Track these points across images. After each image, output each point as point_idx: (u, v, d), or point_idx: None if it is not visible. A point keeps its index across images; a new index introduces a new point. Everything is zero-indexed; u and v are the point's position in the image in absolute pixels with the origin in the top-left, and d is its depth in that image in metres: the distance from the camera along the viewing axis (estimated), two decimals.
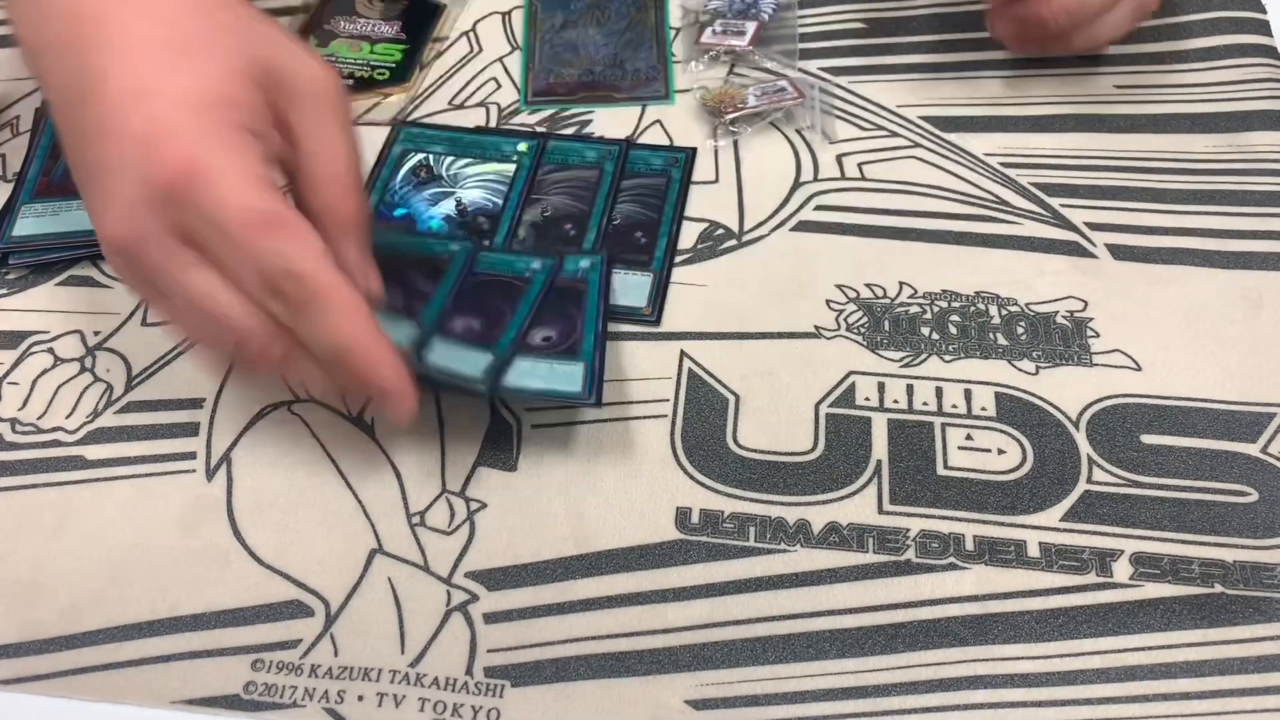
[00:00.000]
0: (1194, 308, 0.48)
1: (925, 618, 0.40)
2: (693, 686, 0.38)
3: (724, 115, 0.55)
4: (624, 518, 0.42)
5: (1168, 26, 0.60)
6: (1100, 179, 0.53)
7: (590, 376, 0.43)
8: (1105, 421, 0.45)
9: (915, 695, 0.38)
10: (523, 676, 0.38)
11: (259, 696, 0.38)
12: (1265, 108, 0.56)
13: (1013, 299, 0.49)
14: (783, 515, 0.42)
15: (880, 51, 0.60)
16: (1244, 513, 0.42)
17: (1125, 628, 0.39)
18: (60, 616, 0.40)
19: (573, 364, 0.44)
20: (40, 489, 0.43)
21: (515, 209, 0.52)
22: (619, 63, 0.59)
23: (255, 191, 0.36)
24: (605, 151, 0.54)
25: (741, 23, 0.60)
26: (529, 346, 0.44)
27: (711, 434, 0.44)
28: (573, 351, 0.44)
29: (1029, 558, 0.41)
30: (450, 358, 0.43)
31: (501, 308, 0.46)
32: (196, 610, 0.40)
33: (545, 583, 0.41)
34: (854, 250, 0.51)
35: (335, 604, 0.40)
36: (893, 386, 0.46)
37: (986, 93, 0.57)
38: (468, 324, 0.45)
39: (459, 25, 0.61)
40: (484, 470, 0.43)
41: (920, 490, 0.43)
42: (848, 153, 0.55)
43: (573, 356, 0.44)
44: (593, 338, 0.45)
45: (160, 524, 0.42)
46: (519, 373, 0.43)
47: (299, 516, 0.42)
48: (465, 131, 0.56)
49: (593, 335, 0.45)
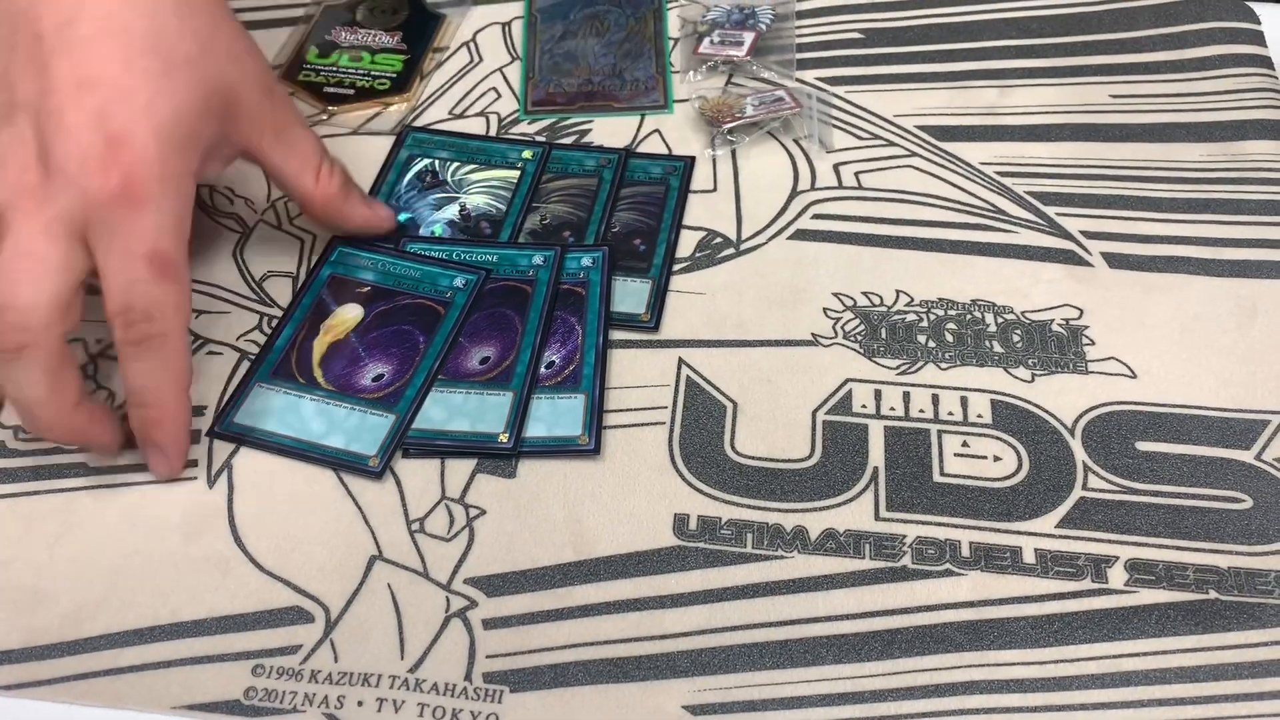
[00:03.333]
0: (1189, 316, 0.49)
1: (921, 623, 0.40)
2: (691, 692, 0.38)
3: (722, 125, 0.56)
4: (622, 524, 0.42)
5: (1163, 36, 0.60)
6: (1096, 188, 0.54)
7: (589, 416, 0.44)
8: (1100, 429, 0.45)
9: (911, 701, 0.38)
10: (521, 682, 0.39)
11: (259, 702, 0.38)
12: (1260, 117, 0.56)
13: (1009, 307, 0.49)
14: (780, 522, 0.43)
15: (877, 61, 0.60)
16: (1238, 519, 0.42)
17: (1120, 633, 0.40)
18: (62, 622, 0.40)
19: (573, 395, 0.45)
20: (42, 496, 0.43)
21: (519, 214, 0.52)
22: (618, 73, 0.59)
23: (173, 239, 0.40)
24: (604, 160, 0.55)
25: (739, 33, 0.60)
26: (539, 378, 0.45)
27: (709, 441, 0.45)
28: (574, 380, 0.45)
29: (1025, 564, 0.41)
30: (469, 418, 0.44)
31: (512, 319, 0.47)
32: (197, 616, 0.40)
33: (544, 589, 0.41)
34: (851, 258, 0.51)
35: (335, 610, 0.40)
36: (889, 394, 0.46)
37: (982, 102, 0.58)
38: (483, 351, 0.46)
39: (459, 35, 0.62)
40: (483, 477, 0.44)
41: (917, 497, 0.43)
42: (845, 162, 0.55)
43: (574, 386, 0.45)
44: (593, 355, 0.46)
45: (161, 531, 0.42)
46: (529, 418, 0.44)
47: (299, 523, 0.42)
48: (471, 138, 0.56)
49: (593, 354, 0.46)
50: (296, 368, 0.46)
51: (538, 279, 0.48)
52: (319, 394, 0.45)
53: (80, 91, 0.38)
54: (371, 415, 0.44)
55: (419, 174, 0.54)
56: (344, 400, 0.45)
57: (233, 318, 0.49)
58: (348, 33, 0.61)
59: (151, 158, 0.39)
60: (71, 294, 0.39)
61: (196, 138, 0.41)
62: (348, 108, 0.57)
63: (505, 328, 0.47)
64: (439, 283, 0.49)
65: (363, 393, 0.45)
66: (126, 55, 0.39)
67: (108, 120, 0.38)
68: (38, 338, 0.38)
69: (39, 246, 0.38)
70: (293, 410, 0.45)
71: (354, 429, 0.44)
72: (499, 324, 0.47)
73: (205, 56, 0.41)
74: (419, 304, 0.48)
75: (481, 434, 0.44)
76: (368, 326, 0.47)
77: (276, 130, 0.45)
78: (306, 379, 0.46)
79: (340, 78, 0.58)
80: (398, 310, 0.48)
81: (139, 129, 0.39)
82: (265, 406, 0.45)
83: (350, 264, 0.50)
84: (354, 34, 0.61)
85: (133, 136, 0.39)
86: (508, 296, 0.48)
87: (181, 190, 0.40)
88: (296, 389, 0.45)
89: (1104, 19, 0.62)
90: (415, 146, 0.56)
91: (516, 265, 0.49)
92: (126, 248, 0.39)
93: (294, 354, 0.46)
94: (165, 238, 0.39)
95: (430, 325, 0.47)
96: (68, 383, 0.40)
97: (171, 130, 0.39)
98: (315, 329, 0.47)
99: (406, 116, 0.57)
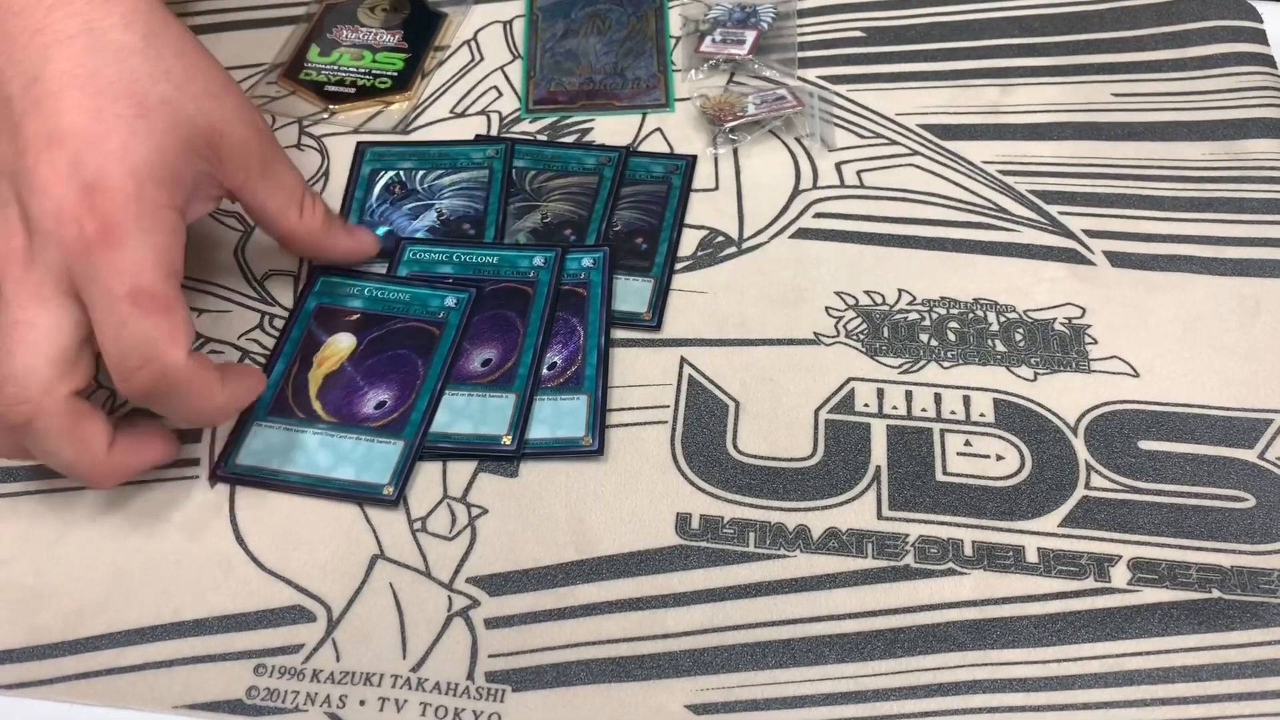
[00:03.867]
0: (1191, 315, 0.49)
1: (924, 623, 0.40)
2: (693, 691, 0.38)
3: (723, 123, 0.56)
4: (624, 523, 0.42)
5: (1165, 35, 0.60)
6: (1098, 186, 0.54)
7: (593, 417, 0.44)
8: (1103, 428, 0.45)
9: (914, 700, 0.38)
10: (524, 681, 0.39)
11: (261, 701, 0.38)
12: (1262, 115, 0.56)
13: (1011, 306, 0.49)
14: (782, 521, 0.42)
15: (879, 60, 0.60)
16: (1241, 518, 0.42)
17: (1123, 632, 0.40)
18: (63, 622, 0.40)
19: (576, 396, 0.45)
20: (43, 495, 0.43)
21: (498, 210, 0.52)
22: (619, 71, 0.59)
23: (156, 273, 0.37)
24: (604, 158, 0.54)
25: (741, 31, 0.60)
26: (541, 379, 0.45)
27: (712, 440, 0.45)
28: (577, 381, 0.45)
29: (1027, 563, 0.41)
30: (472, 420, 0.44)
31: (513, 320, 0.47)
32: (199, 615, 0.40)
33: (546, 588, 0.41)
34: (853, 257, 0.51)
35: (337, 609, 0.40)
36: (892, 393, 0.46)
37: (985, 100, 0.58)
38: (484, 353, 0.46)
39: (460, 34, 0.62)
40: (485, 476, 0.44)
41: (919, 496, 0.43)
42: (847, 160, 0.55)
43: (576, 387, 0.45)
44: (595, 356, 0.46)
45: (163, 530, 0.42)
46: (532, 420, 0.44)
47: (301, 522, 0.42)
48: (429, 144, 0.55)
49: (595, 354, 0.46)
50: (294, 402, 0.45)
51: (538, 280, 0.48)
52: (321, 427, 0.44)
53: (51, 147, 0.37)
54: (379, 444, 0.44)
55: (387, 186, 0.53)
56: (348, 431, 0.44)
57: (234, 317, 0.49)
58: (349, 31, 0.61)
59: (128, 196, 0.37)
60: (71, 353, 0.38)
61: (177, 176, 0.39)
62: (349, 106, 0.57)
63: (507, 329, 0.47)
64: (429, 304, 0.48)
65: (366, 421, 0.44)
66: (96, 104, 0.38)
67: (81, 170, 0.37)
68: (42, 405, 0.37)
69: (29, 313, 0.37)
70: (297, 446, 0.44)
71: (362, 459, 0.43)
72: (500, 326, 0.47)
73: (182, 95, 0.40)
74: (412, 327, 0.47)
75: (485, 436, 0.44)
76: (362, 354, 0.46)
77: (262, 166, 0.43)
78: (306, 413, 0.44)
79: (341, 76, 0.58)
80: (391, 335, 0.47)
81: (113, 171, 0.37)
82: (267, 444, 0.44)
83: (336, 293, 0.48)
84: (355, 32, 0.61)
85: (107, 179, 0.37)
86: (509, 298, 0.48)
87: (162, 223, 0.38)
88: (297, 424, 0.44)
89: (1106, 17, 0.62)
90: (376, 160, 0.55)
91: (517, 267, 0.49)
92: (108, 290, 0.37)
93: (289, 389, 0.45)
94: (146, 273, 0.37)
95: (426, 348, 0.46)
96: (91, 436, 0.38)
97: (148, 169, 0.38)
98: (308, 362, 0.46)
99: (408, 115, 0.57)
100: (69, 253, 0.37)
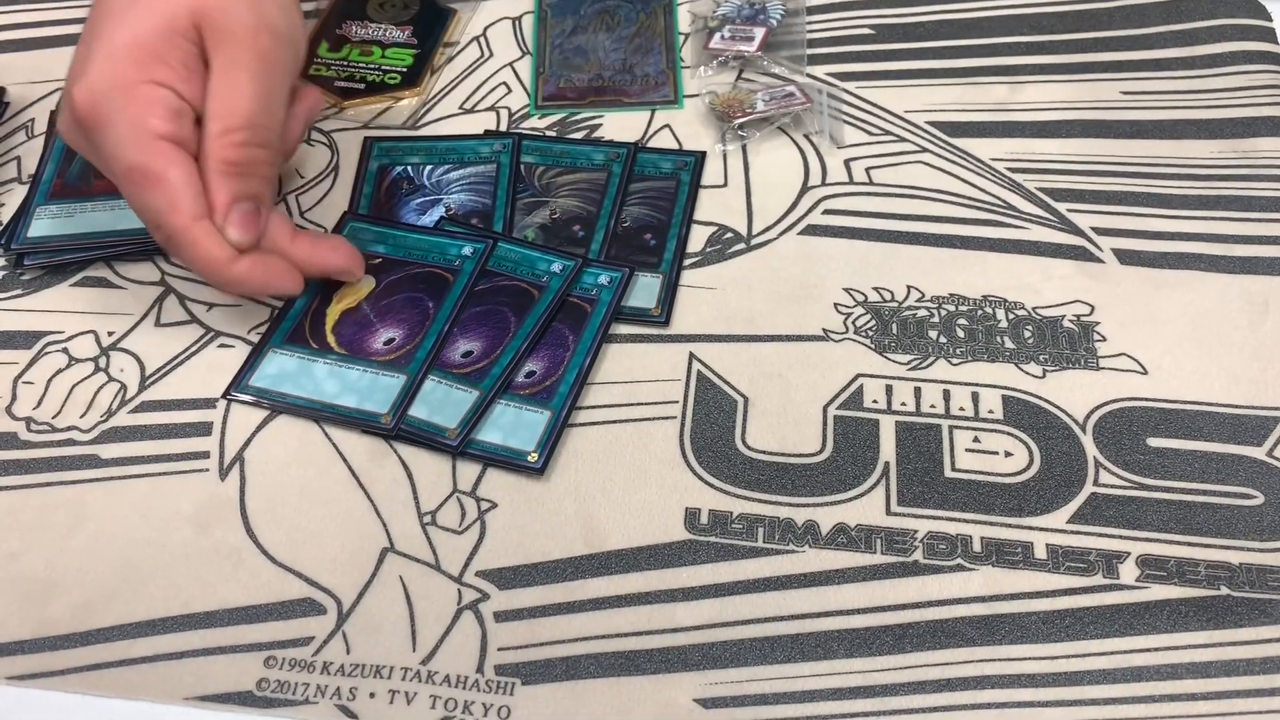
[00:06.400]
0: (1200, 312, 0.49)
1: (933, 618, 0.40)
2: (702, 685, 0.39)
3: (732, 120, 0.56)
4: (633, 518, 0.43)
5: (1174, 33, 0.60)
6: (1107, 184, 0.54)
7: (548, 434, 0.44)
8: (1112, 425, 0.45)
9: (923, 695, 0.38)
10: (533, 674, 0.39)
11: (271, 693, 0.38)
12: (1271, 114, 0.56)
13: (1020, 303, 0.49)
14: (791, 516, 0.43)
15: (888, 57, 0.60)
16: (1250, 515, 0.42)
17: (1131, 629, 0.40)
18: (74, 614, 0.40)
19: (541, 410, 0.45)
20: (54, 488, 0.43)
21: (505, 204, 0.52)
22: (628, 68, 0.59)
23: (135, 147, 0.41)
24: (613, 154, 0.54)
25: (750, 28, 0.60)
26: (511, 384, 0.45)
27: (720, 435, 0.45)
28: (548, 394, 0.45)
29: (1036, 559, 0.41)
30: (429, 406, 0.45)
31: (508, 320, 0.47)
32: (209, 608, 0.40)
33: (555, 582, 0.41)
34: (862, 254, 0.51)
35: (347, 602, 0.40)
36: (900, 389, 0.46)
37: (993, 98, 0.58)
38: (468, 345, 0.46)
39: (470, 30, 0.62)
40: (494, 470, 0.44)
41: (928, 492, 0.43)
42: (855, 157, 0.55)
43: (544, 401, 0.45)
44: (575, 375, 0.46)
45: (173, 522, 0.42)
46: (487, 422, 0.44)
47: (311, 515, 0.43)
48: (437, 139, 0.56)
49: (575, 373, 0.46)
50: (310, 333, 0.47)
51: (549, 286, 0.48)
52: (332, 357, 0.46)
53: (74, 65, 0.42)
54: (383, 376, 0.45)
55: (395, 182, 0.54)
56: (356, 363, 0.46)
57: (245, 310, 0.49)
58: (358, 27, 0.61)
59: (103, 79, 0.41)
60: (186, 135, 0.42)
61: (156, 55, 0.42)
62: (359, 102, 0.57)
63: (498, 326, 0.47)
64: (448, 251, 0.50)
65: (374, 355, 0.46)
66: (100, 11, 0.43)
67: (80, 65, 0.42)
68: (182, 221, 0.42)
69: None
70: (306, 373, 0.46)
71: (366, 389, 0.45)
72: (492, 321, 0.47)
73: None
74: (429, 272, 0.49)
75: (432, 424, 0.44)
76: (379, 295, 0.48)
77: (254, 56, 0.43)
78: (320, 344, 0.47)
79: (351, 72, 0.58)
80: (408, 278, 0.49)
81: (98, 63, 0.41)
82: (280, 370, 0.46)
83: (361, 238, 0.51)
84: (365, 28, 0.61)
85: (90, 70, 0.41)
86: (514, 296, 0.48)
87: (139, 96, 0.41)
88: (310, 353, 0.47)
89: (1115, 15, 0.61)
90: (384, 155, 0.55)
91: (534, 268, 0.49)
92: (109, 169, 0.42)
93: (307, 321, 0.48)
94: (129, 150, 0.41)
95: (439, 291, 0.48)
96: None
97: (124, 51, 0.41)
98: (328, 298, 0.48)
99: (417, 110, 0.57)
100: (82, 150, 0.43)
